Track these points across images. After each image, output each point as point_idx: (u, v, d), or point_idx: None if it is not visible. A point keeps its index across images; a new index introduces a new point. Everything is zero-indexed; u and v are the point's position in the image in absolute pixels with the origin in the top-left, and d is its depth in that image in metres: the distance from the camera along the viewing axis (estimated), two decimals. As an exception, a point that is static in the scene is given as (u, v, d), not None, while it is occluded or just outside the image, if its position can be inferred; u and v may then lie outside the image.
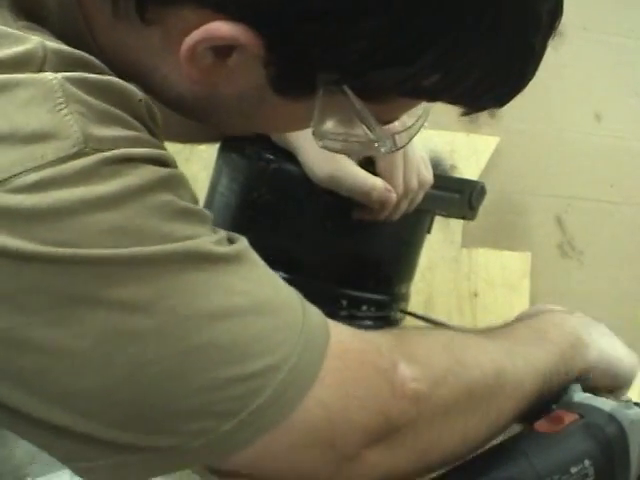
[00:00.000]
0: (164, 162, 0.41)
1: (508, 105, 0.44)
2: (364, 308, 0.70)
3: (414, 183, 0.65)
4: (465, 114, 0.47)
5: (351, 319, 0.70)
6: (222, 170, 0.72)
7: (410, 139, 0.49)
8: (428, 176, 0.67)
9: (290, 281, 0.69)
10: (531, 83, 0.46)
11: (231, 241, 0.43)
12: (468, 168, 1.22)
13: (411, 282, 0.77)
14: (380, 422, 0.43)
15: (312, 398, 0.41)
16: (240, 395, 0.39)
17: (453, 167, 1.22)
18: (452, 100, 0.46)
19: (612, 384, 0.59)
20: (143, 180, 0.38)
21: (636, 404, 0.53)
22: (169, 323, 0.38)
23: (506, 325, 0.57)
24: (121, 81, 0.40)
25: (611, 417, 0.51)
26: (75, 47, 0.40)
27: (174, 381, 0.38)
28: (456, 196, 0.73)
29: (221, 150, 0.74)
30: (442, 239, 1.20)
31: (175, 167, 0.42)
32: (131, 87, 0.41)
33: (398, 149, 0.49)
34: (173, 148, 1.11)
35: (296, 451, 0.42)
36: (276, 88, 0.43)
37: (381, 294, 0.72)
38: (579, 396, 0.55)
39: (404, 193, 0.64)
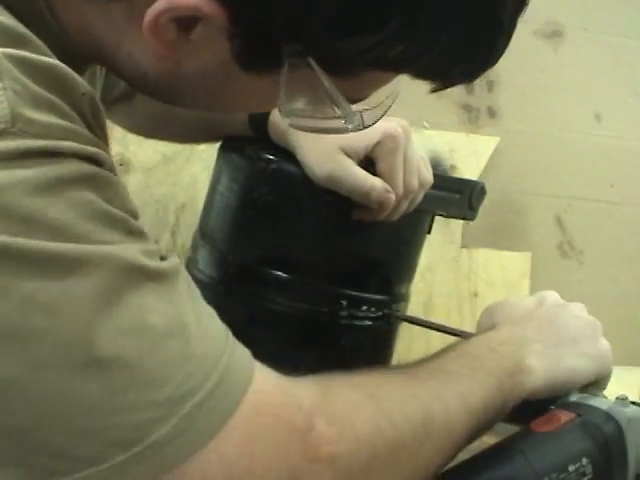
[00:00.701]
0: (96, 161, 0.39)
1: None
2: (364, 308, 0.71)
3: (414, 183, 0.65)
4: (434, 91, 0.46)
5: (351, 319, 0.70)
6: (222, 170, 0.73)
7: (377, 119, 0.48)
8: (428, 176, 0.67)
9: (290, 281, 0.70)
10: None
11: (163, 259, 0.41)
12: (468, 168, 1.22)
13: (411, 282, 0.77)
14: None
15: (214, 451, 0.38)
16: (138, 424, 0.36)
17: (453, 167, 1.22)
18: (419, 73, 0.45)
19: (566, 392, 0.57)
20: (64, 173, 0.36)
21: (633, 403, 0.53)
22: (70, 328, 0.35)
23: (440, 355, 0.54)
24: (66, 68, 0.39)
25: (608, 415, 0.51)
26: (31, 24, 0.39)
27: (66, 392, 0.35)
28: (456, 196, 0.73)
29: (221, 150, 0.74)
30: (442, 239, 1.20)
31: (110, 169, 0.40)
32: (77, 78, 0.39)
33: (365, 127, 0.47)
34: (173, 148, 1.12)
35: None
36: (241, 63, 0.42)
37: (381, 294, 0.72)
38: (576, 395, 0.55)
39: (404, 193, 0.64)
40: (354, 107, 0.45)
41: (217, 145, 0.75)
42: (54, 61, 0.38)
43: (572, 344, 0.58)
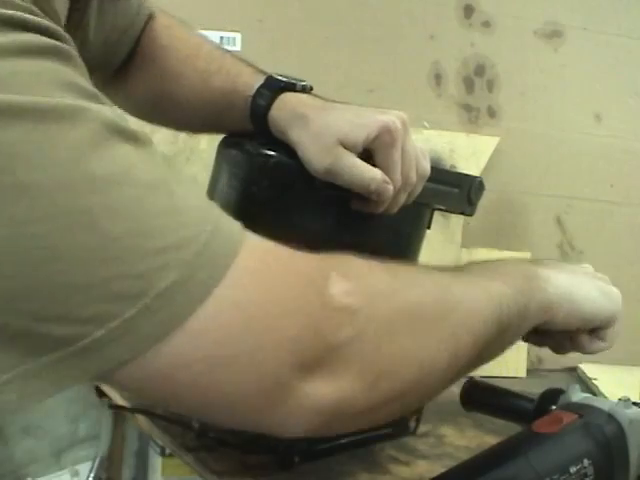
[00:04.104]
0: (59, 37, 0.38)
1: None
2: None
3: (412, 176, 0.65)
4: None
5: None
6: (221, 167, 0.72)
7: None
8: (426, 168, 0.67)
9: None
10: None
11: None
12: (468, 168, 1.22)
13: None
14: (311, 338, 0.39)
15: (224, 297, 0.37)
16: (140, 273, 0.35)
17: (453, 167, 1.22)
18: None
19: (582, 324, 0.57)
20: (33, 42, 0.36)
21: (635, 403, 0.53)
22: (57, 178, 0.34)
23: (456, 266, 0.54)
24: None
25: (610, 416, 0.51)
26: None
27: (59, 245, 0.34)
28: (455, 191, 0.74)
29: (220, 147, 0.74)
30: (442, 239, 1.20)
31: (75, 51, 0.39)
32: None
33: None
34: (174, 148, 1.11)
35: (212, 363, 0.36)
36: None
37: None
38: (578, 396, 0.55)
39: (402, 186, 0.64)
40: None
41: (216, 144, 0.75)
42: None
43: (587, 276, 0.58)
